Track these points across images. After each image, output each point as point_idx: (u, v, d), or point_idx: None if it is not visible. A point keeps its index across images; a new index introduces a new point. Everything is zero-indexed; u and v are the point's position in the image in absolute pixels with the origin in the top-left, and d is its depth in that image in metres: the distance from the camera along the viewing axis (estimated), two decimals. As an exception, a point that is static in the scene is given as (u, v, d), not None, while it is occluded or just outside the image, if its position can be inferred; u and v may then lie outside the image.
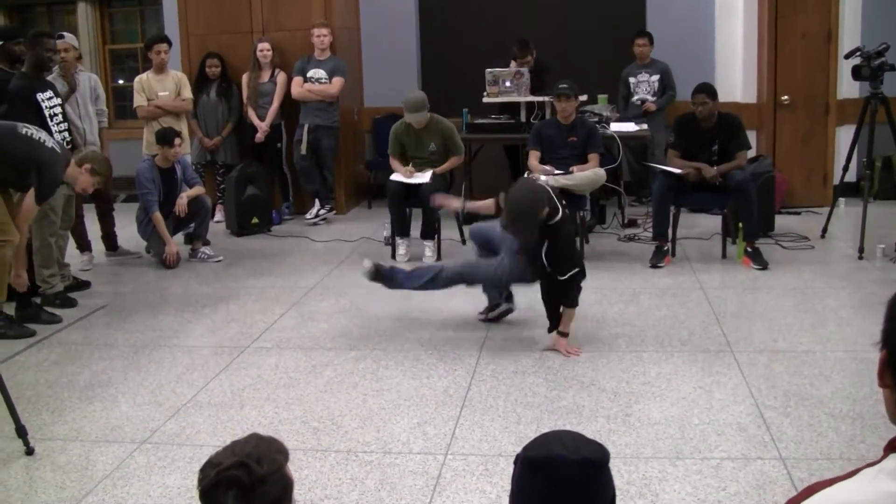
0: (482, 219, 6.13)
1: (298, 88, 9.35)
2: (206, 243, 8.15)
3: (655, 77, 9.46)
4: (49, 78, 7.39)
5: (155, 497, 3.69)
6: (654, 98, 9.46)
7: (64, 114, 6.87)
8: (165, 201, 7.79)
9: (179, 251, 7.83)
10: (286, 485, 2.07)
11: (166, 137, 7.72)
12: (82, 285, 7.13)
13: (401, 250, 7.69)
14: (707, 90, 7.23)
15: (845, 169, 7.96)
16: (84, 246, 7.76)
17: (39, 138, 5.68)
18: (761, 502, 3.47)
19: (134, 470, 3.95)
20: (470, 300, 6.32)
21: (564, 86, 7.51)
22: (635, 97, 9.53)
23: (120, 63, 11.97)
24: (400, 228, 7.80)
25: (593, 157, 7.56)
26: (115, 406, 4.73)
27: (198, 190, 8.02)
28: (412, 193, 7.78)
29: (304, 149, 9.34)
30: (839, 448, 3.94)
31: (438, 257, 7.77)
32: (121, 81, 11.82)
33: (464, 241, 8.30)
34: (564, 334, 5.33)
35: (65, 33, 8.00)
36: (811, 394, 4.56)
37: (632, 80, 9.57)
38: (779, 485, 3.61)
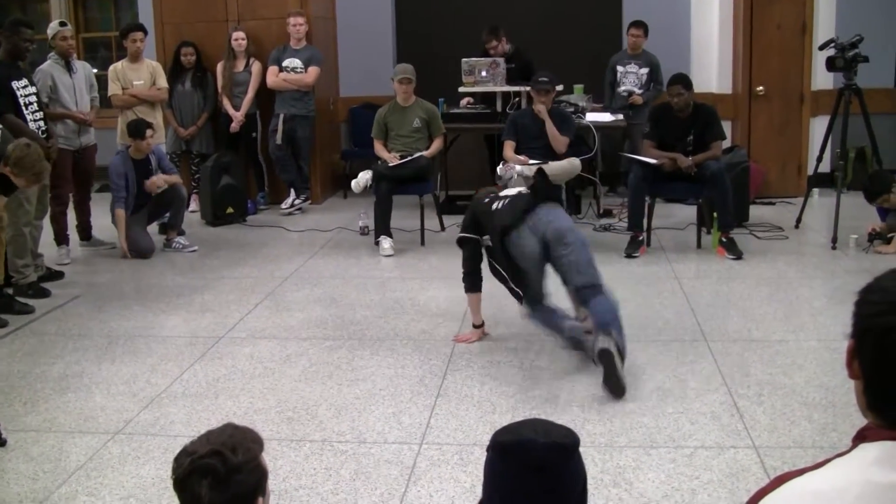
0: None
1: (274, 78, 9.32)
2: (181, 233, 8.12)
3: (644, 70, 9.37)
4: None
5: (129, 488, 3.68)
6: (641, 91, 9.42)
7: (39, 102, 6.83)
8: (140, 192, 7.74)
9: (129, 253, 7.70)
10: (261, 474, 2.07)
11: (137, 130, 7.65)
12: (56, 275, 7.08)
13: (385, 244, 7.65)
14: (682, 81, 7.24)
15: (819, 159, 8.01)
16: (62, 238, 7.68)
17: None
18: (734, 490, 3.49)
19: (108, 461, 3.94)
20: (445, 290, 6.33)
21: (545, 79, 7.51)
22: (622, 88, 9.47)
23: (93, 51, 11.89)
24: (384, 225, 7.76)
25: (564, 141, 7.56)
26: (89, 397, 4.70)
27: (174, 178, 7.98)
28: (403, 181, 7.85)
29: (279, 138, 9.31)
30: (812, 436, 3.98)
31: (422, 243, 7.88)
32: (94, 70, 11.73)
33: (443, 228, 8.32)
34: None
35: (66, 21, 7.98)
36: (784, 383, 4.59)
37: (619, 68, 9.46)
38: (752, 473, 3.63)
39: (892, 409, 1.28)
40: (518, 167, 7.35)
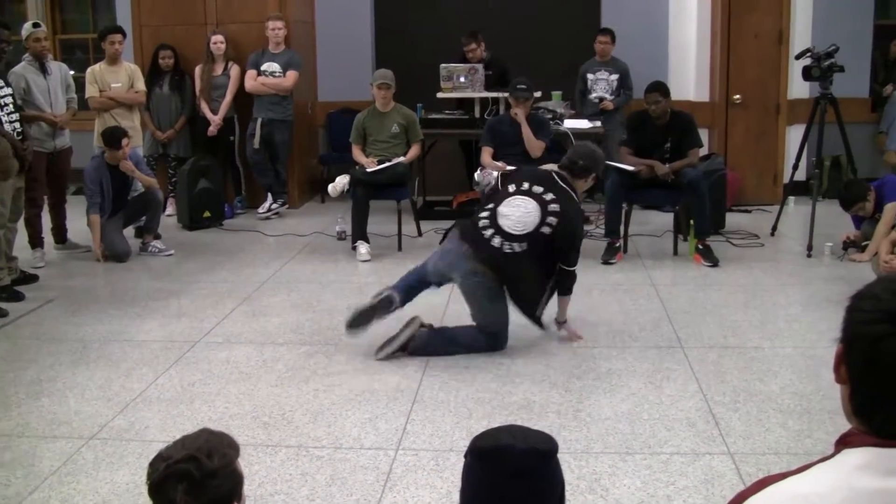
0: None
1: (252, 82, 9.29)
2: (158, 237, 8.06)
3: (615, 76, 9.48)
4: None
5: (103, 493, 3.65)
6: (612, 97, 9.49)
7: (15, 104, 6.79)
8: (117, 197, 7.69)
9: (105, 254, 7.68)
10: (237, 479, 2.06)
11: (113, 139, 7.55)
12: (30, 279, 7.02)
13: (362, 249, 7.62)
14: (660, 88, 7.28)
15: (795, 168, 8.06)
16: (36, 241, 7.62)
17: None
18: (710, 497, 3.51)
19: (81, 466, 3.91)
20: (422, 296, 6.31)
21: (523, 87, 7.54)
22: (593, 94, 9.54)
23: (70, 53, 11.81)
24: (361, 230, 7.73)
25: (540, 145, 7.60)
26: (63, 401, 4.67)
27: (150, 180, 7.93)
28: (380, 187, 7.83)
29: (257, 142, 9.28)
30: (786, 443, 3.99)
31: (399, 248, 7.88)
32: (71, 72, 11.66)
33: (420, 234, 8.32)
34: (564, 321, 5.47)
35: (39, 22, 7.94)
36: (760, 389, 4.61)
37: (590, 76, 9.57)
38: (727, 479, 3.64)
39: (877, 416, 1.29)
40: (496, 173, 7.37)
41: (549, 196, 5.19)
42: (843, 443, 1.33)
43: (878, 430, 1.29)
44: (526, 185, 5.28)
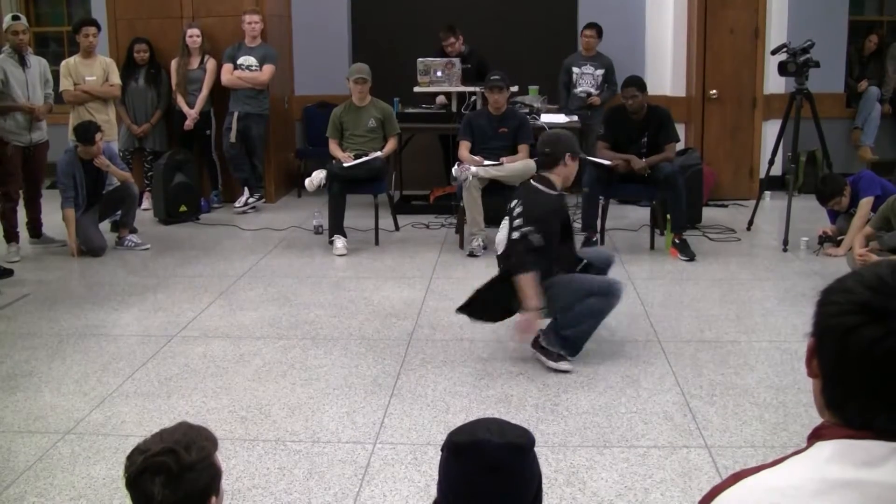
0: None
1: (228, 75, 9.25)
2: (133, 231, 8.02)
3: (600, 71, 9.46)
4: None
5: (79, 488, 3.64)
6: (598, 92, 9.49)
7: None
8: (91, 192, 7.64)
9: (81, 248, 7.64)
10: (214, 473, 2.05)
11: (86, 134, 7.47)
12: (5, 273, 6.97)
13: (338, 244, 7.61)
14: (637, 83, 7.29)
15: (771, 163, 8.10)
16: (11, 236, 7.57)
17: None
18: (687, 489, 3.52)
19: (57, 461, 3.89)
20: (399, 290, 6.31)
21: (497, 77, 7.54)
22: (579, 89, 9.53)
23: (45, 46, 11.72)
24: (338, 224, 7.72)
25: (523, 148, 7.60)
26: (39, 396, 4.64)
27: (125, 174, 7.89)
28: (357, 181, 7.82)
29: (233, 136, 9.24)
30: (763, 436, 4.02)
31: (377, 242, 7.86)
32: (46, 66, 11.58)
33: (397, 228, 8.31)
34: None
35: (20, 14, 7.89)
36: (736, 383, 4.64)
37: (575, 69, 9.54)
38: (704, 472, 3.66)
39: (849, 408, 1.29)
40: (473, 168, 7.37)
41: (514, 202, 5.00)
42: (816, 436, 1.34)
43: (850, 421, 1.29)
44: (510, 206, 5.07)
